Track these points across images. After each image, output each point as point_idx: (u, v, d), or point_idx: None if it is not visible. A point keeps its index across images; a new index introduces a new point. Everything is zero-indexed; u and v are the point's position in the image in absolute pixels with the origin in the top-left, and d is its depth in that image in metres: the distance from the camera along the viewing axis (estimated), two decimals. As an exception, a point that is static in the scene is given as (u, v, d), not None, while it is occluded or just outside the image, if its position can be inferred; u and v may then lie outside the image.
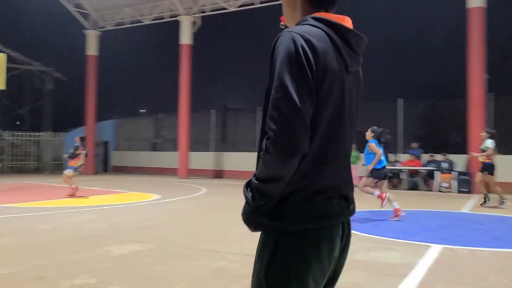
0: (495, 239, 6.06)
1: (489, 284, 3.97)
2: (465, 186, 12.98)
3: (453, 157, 14.15)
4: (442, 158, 14.18)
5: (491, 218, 8.14)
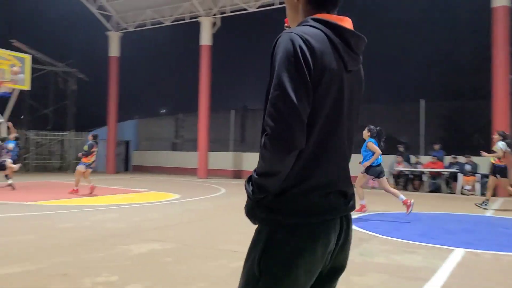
0: (520, 243, 5.91)
1: (514, 289, 3.87)
2: (489, 189, 12.69)
3: (477, 159, 13.83)
4: (465, 160, 13.91)
5: (516, 222, 7.95)
